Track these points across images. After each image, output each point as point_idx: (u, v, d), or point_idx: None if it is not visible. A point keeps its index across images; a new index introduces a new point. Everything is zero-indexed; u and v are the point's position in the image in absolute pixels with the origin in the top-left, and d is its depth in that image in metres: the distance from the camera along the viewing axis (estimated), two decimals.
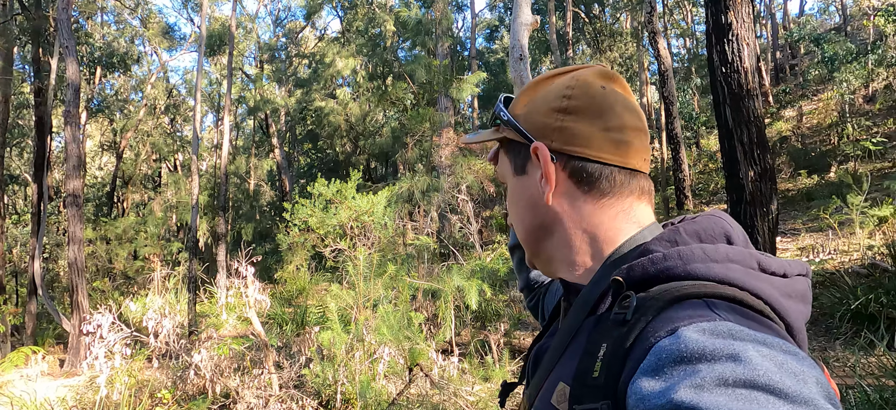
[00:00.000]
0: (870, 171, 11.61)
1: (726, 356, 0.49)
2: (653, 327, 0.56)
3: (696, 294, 0.59)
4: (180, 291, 13.13)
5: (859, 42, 17.06)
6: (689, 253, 0.63)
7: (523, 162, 0.78)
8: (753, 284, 0.62)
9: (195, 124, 11.16)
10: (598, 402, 0.57)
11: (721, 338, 0.51)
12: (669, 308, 0.58)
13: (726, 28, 7.68)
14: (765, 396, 0.46)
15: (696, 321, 0.54)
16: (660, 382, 0.51)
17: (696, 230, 0.69)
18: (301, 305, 10.37)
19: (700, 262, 0.63)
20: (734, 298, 0.59)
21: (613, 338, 0.59)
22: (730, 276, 0.61)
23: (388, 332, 3.85)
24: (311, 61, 20.28)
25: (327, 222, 5.24)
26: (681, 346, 0.51)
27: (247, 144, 25.25)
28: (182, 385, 7.06)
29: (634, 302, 0.60)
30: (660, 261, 0.64)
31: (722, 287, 0.60)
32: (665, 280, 0.63)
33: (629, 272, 0.65)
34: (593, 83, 0.75)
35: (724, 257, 0.63)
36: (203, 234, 18.04)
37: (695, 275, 0.62)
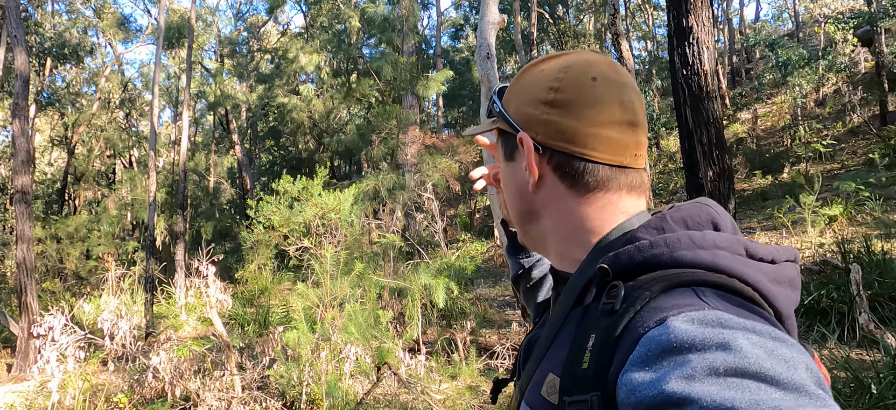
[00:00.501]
0: (821, 172, 12.09)
1: (716, 345, 0.49)
2: (641, 317, 0.56)
3: (685, 282, 0.58)
4: (136, 291, 12.70)
5: (810, 48, 17.76)
6: (676, 240, 0.63)
7: (512, 149, 0.77)
8: (741, 270, 0.61)
9: (153, 119, 10.81)
10: (587, 394, 0.56)
11: (710, 327, 0.51)
12: (658, 298, 0.57)
13: (687, 31, 7.88)
14: (755, 383, 0.46)
15: (685, 310, 0.54)
16: (650, 373, 0.50)
17: (682, 217, 0.68)
18: (263, 305, 10.17)
19: (687, 249, 0.62)
20: (722, 285, 0.59)
21: (602, 329, 0.58)
22: (717, 263, 0.61)
23: (356, 331, 3.80)
24: (274, 57, 19.91)
25: (292, 219, 5.14)
26: (670, 336, 0.51)
27: (206, 140, 24.63)
28: (139, 389, 6.83)
29: (622, 291, 0.59)
30: (646, 249, 0.63)
31: (710, 275, 0.59)
32: (652, 268, 0.62)
33: (615, 260, 0.64)
34: (584, 74, 0.72)
35: (712, 243, 0.63)
36: (161, 232, 17.51)
37: (682, 262, 0.61)
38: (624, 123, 0.71)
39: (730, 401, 0.44)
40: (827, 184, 11.04)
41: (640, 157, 0.74)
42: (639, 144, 0.74)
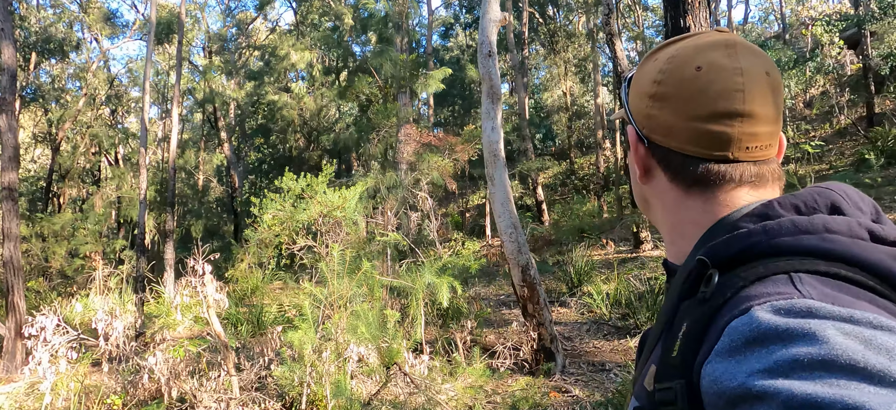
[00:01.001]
0: (811, 172, 12.23)
1: (801, 335, 0.47)
2: (729, 306, 0.55)
3: (782, 270, 0.56)
4: (124, 291, 12.49)
5: (797, 50, 17.97)
6: (776, 227, 0.60)
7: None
8: (859, 254, 0.57)
9: (143, 116, 10.65)
10: (674, 381, 0.56)
11: (796, 317, 0.49)
12: (750, 286, 0.55)
13: (684, 32, 7.93)
14: (845, 378, 0.43)
15: (772, 299, 0.52)
16: (732, 364, 0.49)
17: (794, 203, 0.64)
18: (255, 305, 10.06)
19: (788, 235, 0.59)
20: (828, 272, 0.55)
21: (693, 317, 0.58)
22: (825, 247, 0.57)
23: (365, 330, 3.75)
24: (264, 53, 19.73)
25: (296, 217, 5.07)
26: (753, 326, 0.50)
27: (195, 137, 24.34)
28: (133, 390, 6.70)
29: (715, 280, 0.58)
30: (743, 238, 0.61)
31: (813, 261, 0.56)
32: (750, 258, 0.59)
33: (713, 252, 0.62)
34: (688, 64, 0.69)
35: (820, 227, 0.59)
36: (149, 231, 17.26)
37: (781, 249, 0.58)
38: (728, 115, 0.67)
39: (813, 396, 0.42)
40: None
41: (756, 148, 0.69)
42: (753, 136, 0.68)
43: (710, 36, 0.72)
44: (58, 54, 16.95)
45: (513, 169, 17.07)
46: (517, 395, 4.83)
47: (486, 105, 6.53)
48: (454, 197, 20.07)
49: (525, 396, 4.72)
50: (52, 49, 16.48)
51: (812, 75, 15.64)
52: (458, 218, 17.76)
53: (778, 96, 0.70)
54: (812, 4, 23.29)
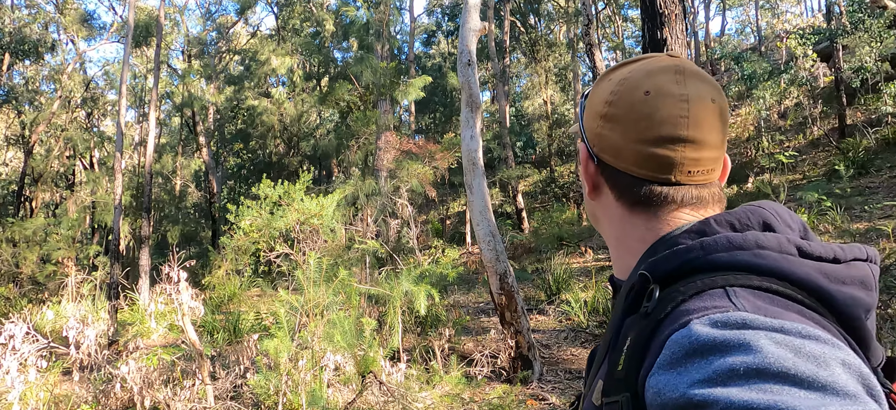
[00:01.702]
0: (784, 182, 12.47)
1: (736, 346, 0.49)
2: (669, 320, 0.57)
3: (718, 285, 0.59)
4: (97, 298, 12.25)
5: (772, 62, 18.35)
6: (712, 243, 0.63)
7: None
8: (788, 268, 0.60)
9: (119, 119, 10.49)
10: (620, 395, 0.57)
11: (732, 329, 0.51)
12: (688, 300, 0.58)
13: (662, 44, 8.04)
14: (778, 384, 0.46)
15: (709, 312, 0.54)
16: (673, 376, 0.51)
17: (729, 220, 0.67)
18: (232, 312, 9.93)
19: (724, 251, 0.62)
20: (761, 286, 0.58)
21: (635, 331, 0.60)
22: (758, 263, 0.60)
23: (341, 338, 3.72)
24: (244, 58, 19.56)
25: (273, 224, 5.03)
26: (692, 338, 0.52)
27: (172, 142, 24.02)
28: (105, 400, 6.57)
29: (656, 295, 0.60)
30: (682, 253, 0.63)
31: (747, 276, 0.59)
32: (688, 273, 0.62)
33: (654, 267, 0.64)
34: (637, 88, 0.71)
35: (753, 244, 0.62)
36: (124, 237, 16.96)
37: (717, 264, 0.61)
38: (671, 140, 0.69)
39: (748, 402, 0.45)
40: (791, 194, 11.40)
41: (698, 173, 0.72)
42: (696, 161, 0.71)
43: (660, 60, 0.74)
44: (32, 56, 16.64)
45: (493, 177, 17.13)
46: (494, 403, 4.83)
47: (465, 113, 6.56)
48: (435, 205, 20.08)
49: (502, 404, 4.73)
50: (26, 50, 16.16)
51: (786, 87, 15.97)
52: (439, 226, 17.76)
53: (723, 123, 0.73)
54: (787, 18, 23.83)
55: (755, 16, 27.47)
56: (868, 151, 13.33)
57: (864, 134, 14.00)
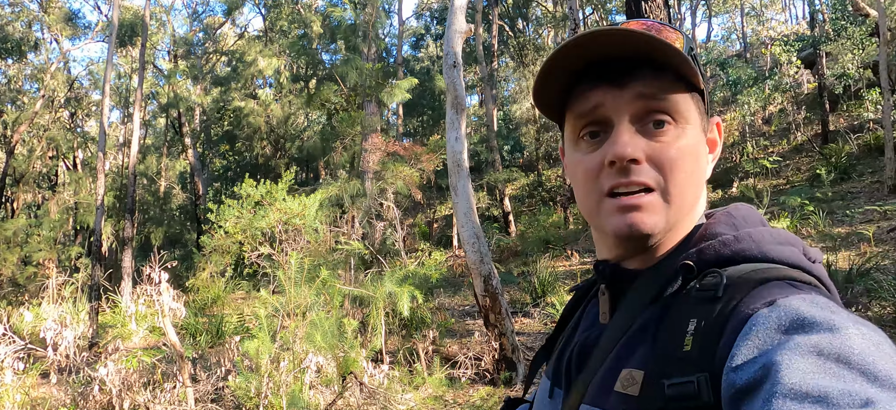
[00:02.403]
0: (768, 187, 12.59)
1: (825, 326, 0.49)
2: (747, 301, 0.56)
3: (778, 277, 0.59)
4: (79, 300, 12.08)
5: (757, 69, 18.55)
6: (761, 236, 0.64)
7: (705, 125, 0.72)
8: (813, 268, 0.63)
9: (102, 119, 10.36)
10: (692, 375, 0.55)
11: (821, 309, 0.52)
12: (761, 287, 0.57)
13: None
14: (854, 373, 0.45)
15: (793, 294, 0.54)
16: (758, 348, 0.51)
17: (743, 216, 0.69)
18: (216, 314, 9.83)
19: (772, 244, 0.63)
20: (809, 282, 0.60)
21: (704, 314, 0.57)
22: (795, 259, 0.62)
23: (321, 339, 3.69)
24: (231, 59, 19.43)
25: (255, 224, 4.98)
26: (781, 314, 0.52)
27: (157, 143, 23.79)
28: (83, 402, 6.47)
29: (724, 280, 0.58)
30: (732, 243, 0.63)
31: (794, 271, 0.61)
32: (740, 262, 0.62)
33: (700, 256, 0.64)
34: None
35: (786, 240, 0.64)
36: (107, 238, 16.75)
37: (769, 257, 0.62)
38: None
39: (822, 388, 0.44)
40: (774, 198, 11.51)
41: None
42: None
43: None
44: (15, 54, 16.42)
45: (480, 180, 17.14)
46: (477, 405, 4.82)
47: (450, 115, 6.55)
48: (422, 207, 20.05)
49: (485, 405, 4.71)
50: (8, 48, 15.95)
51: (770, 93, 16.15)
52: (426, 228, 17.72)
53: None
54: (772, 25, 24.10)
55: (741, 23, 27.77)
56: (850, 157, 13.50)
57: (846, 140, 14.18)
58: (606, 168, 0.65)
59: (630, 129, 0.65)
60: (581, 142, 0.69)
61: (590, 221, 0.71)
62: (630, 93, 0.65)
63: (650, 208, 0.64)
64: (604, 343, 0.66)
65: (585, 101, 0.67)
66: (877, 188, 11.50)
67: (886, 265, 7.49)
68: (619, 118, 0.65)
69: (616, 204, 0.65)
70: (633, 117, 0.65)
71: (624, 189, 0.64)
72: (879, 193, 11.22)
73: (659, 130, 0.65)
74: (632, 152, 0.63)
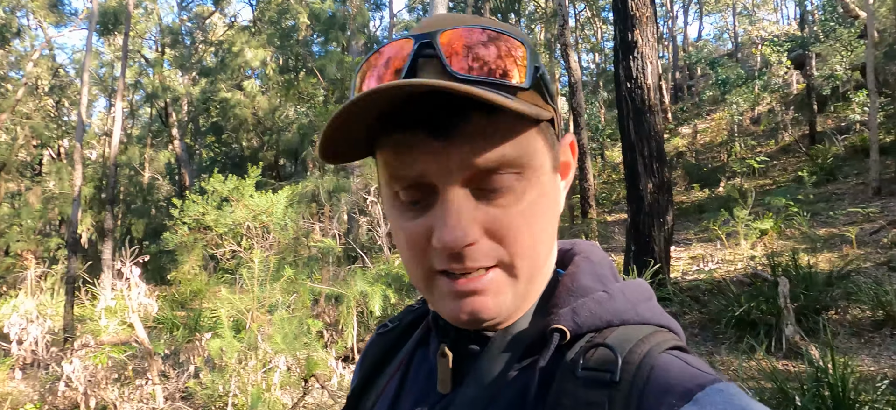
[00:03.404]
0: (754, 187, 12.58)
1: None
2: (655, 393, 0.46)
3: (667, 347, 0.50)
4: (57, 292, 11.92)
5: (747, 68, 18.54)
6: (633, 293, 0.55)
7: (558, 154, 0.57)
8: (670, 322, 0.55)
9: (81, 108, 10.18)
10: None
11: (745, 406, 0.44)
12: (656, 368, 0.47)
13: (632, 46, 8.02)
14: None
15: (705, 383, 0.45)
16: None
17: (599, 261, 0.60)
18: (195, 309, 9.71)
19: (643, 303, 0.54)
20: (679, 346, 0.52)
21: (604, 405, 0.46)
22: (663, 318, 0.55)
23: (281, 341, 3.59)
24: (219, 50, 19.22)
25: (221, 221, 4.86)
26: None
27: (143, 133, 23.54)
28: (51, 399, 6.36)
29: (620, 357, 0.47)
30: (606, 301, 0.53)
31: (668, 334, 0.53)
32: (618, 325, 0.52)
33: (574, 318, 0.52)
34: None
35: (649, 295, 0.56)
36: (88, 229, 16.55)
37: (644, 319, 0.53)
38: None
39: None
40: (759, 199, 11.48)
41: None
42: None
43: None
44: None
45: None
46: None
47: None
48: None
49: None
50: None
51: (760, 93, 16.14)
52: None
53: None
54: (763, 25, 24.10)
55: (733, 22, 27.78)
56: (836, 158, 13.52)
57: (833, 141, 14.19)
58: (435, 247, 0.50)
59: (462, 196, 0.49)
60: (398, 201, 0.53)
61: (421, 292, 0.56)
62: (459, 151, 0.48)
63: (493, 290, 0.51)
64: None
65: (400, 158, 0.50)
66: (861, 190, 11.50)
67: (867, 268, 7.47)
68: (446, 185, 0.49)
69: (451, 288, 0.51)
70: (465, 181, 0.49)
71: (459, 271, 0.50)
72: (864, 195, 11.22)
73: (498, 190, 0.50)
74: (465, 238, 0.48)
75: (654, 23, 8.31)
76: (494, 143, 0.48)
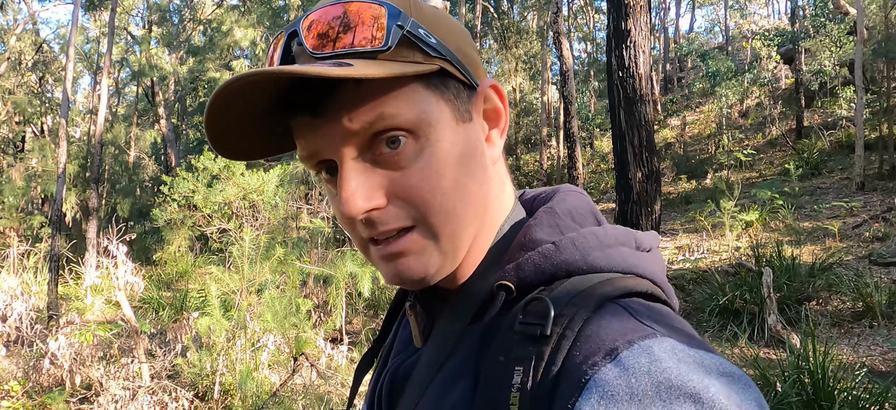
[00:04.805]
0: (740, 179, 12.71)
1: (686, 392, 0.39)
2: (582, 347, 0.44)
3: (611, 296, 0.48)
4: (41, 270, 11.77)
5: (737, 62, 18.66)
6: (584, 241, 0.52)
7: (467, 105, 0.55)
8: (644, 267, 0.53)
9: (66, 83, 10.01)
10: None
11: (674, 360, 0.40)
12: (594, 318, 0.46)
13: (625, 34, 8.02)
14: None
15: (635, 339, 0.43)
16: None
17: (568, 210, 0.57)
18: (181, 289, 9.66)
19: (597, 250, 0.52)
20: (643, 292, 0.50)
21: (530, 361, 0.45)
22: (626, 263, 0.52)
23: (272, 319, 3.59)
24: (207, 28, 18.96)
25: (211, 199, 4.82)
26: (631, 382, 0.40)
27: (129, 112, 23.23)
28: (35, 376, 6.31)
29: (552, 310, 0.46)
30: (553, 254, 0.51)
31: (629, 281, 0.50)
32: (565, 276, 0.51)
33: (519, 273, 0.52)
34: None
35: (614, 240, 0.53)
36: (72, 208, 16.35)
37: (595, 267, 0.51)
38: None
39: None
40: (745, 191, 11.61)
41: None
42: None
43: None
44: None
45: None
46: None
47: None
48: None
49: None
50: None
51: (749, 86, 16.25)
52: None
53: None
54: (754, 19, 24.22)
55: (724, 15, 27.88)
56: (822, 153, 13.68)
57: (819, 136, 14.35)
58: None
59: (357, 167, 0.50)
60: (323, 180, 0.55)
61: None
62: (337, 124, 0.49)
63: (416, 251, 0.52)
64: (416, 379, 0.55)
65: (299, 142, 0.53)
66: (845, 185, 11.67)
67: (849, 261, 7.60)
68: (340, 159, 0.50)
69: (378, 253, 0.53)
70: (357, 150, 0.50)
71: (376, 236, 0.52)
72: (848, 189, 11.38)
73: (392, 151, 0.50)
74: (362, 206, 0.49)
75: (647, 12, 8.32)
76: (368, 108, 0.49)
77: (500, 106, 0.57)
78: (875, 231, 8.55)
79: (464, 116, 0.54)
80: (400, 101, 0.49)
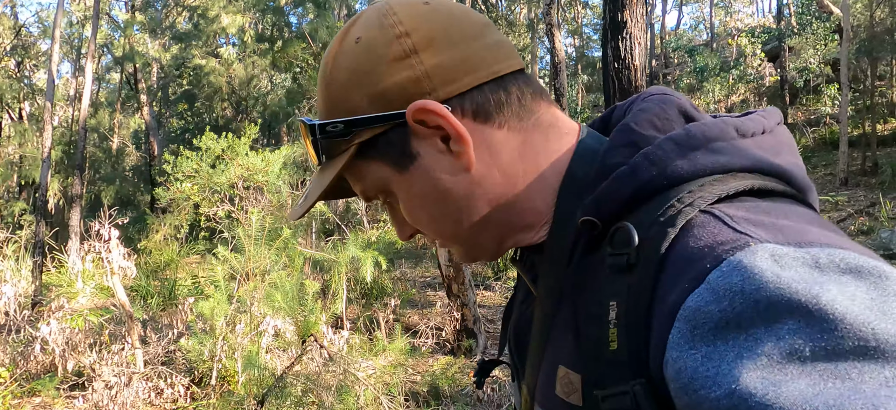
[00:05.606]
0: None
1: (793, 308, 0.34)
2: (669, 271, 0.41)
3: (699, 206, 0.44)
4: (22, 258, 11.50)
5: (723, 59, 18.89)
6: (660, 153, 0.48)
7: (404, 147, 0.55)
8: (746, 158, 0.48)
9: (52, 65, 9.78)
10: (626, 383, 0.42)
11: (774, 281, 0.35)
12: (682, 239, 0.42)
13: (622, 26, 8.06)
14: (863, 363, 0.32)
15: (724, 253, 0.38)
16: (705, 359, 0.36)
17: (649, 119, 0.53)
18: (168, 278, 9.52)
19: (679, 157, 0.47)
20: (741, 190, 0.45)
21: (624, 294, 0.43)
22: (718, 163, 0.47)
23: (282, 301, 3.54)
24: (193, 14, 18.63)
25: (215, 178, 4.74)
26: (724, 306, 0.36)
27: (111, 99, 22.77)
28: (24, 362, 6.17)
29: (635, 238, 0.44)
30: (627, 178, 0.48)
31: (725, 182, 0.45)
32: (647, 199, 0.47)
33: (598, 207, 0.49)
34: (414, 3, 0.56)
35: (702, 139, 0.48)
36: (54, 195, 16.00)
37: (680, 177, 0.47)
38: (484, 24, 0.58)
39: (831, 402, 0.31)
40: None
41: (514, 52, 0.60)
42: (504, 40, 0.59)
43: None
44: None
45: None
46: (437, 374, 4.76)
47: None
48: None
49: (445, 374, 4.66)
50: None
51: (734, 83, 16.47)
52: None
53: None
54: (739, 17, 24.54)
55: (710, 13, 28.20)
56: (806, 150, 13.92)
57: (803, 133, 14.60)
58: None
59: (388, 208, 0.64)
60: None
61: None
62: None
63: (453, 250, 0.65)
64: (536, 326, 0.56)
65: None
66: (830, 180, 11.90)
67: None
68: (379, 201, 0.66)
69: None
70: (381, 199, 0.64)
71: None
72: (832, 185, 11.60)
73: (390, 203, 0.63)
74: (400, 235, 0.65)
75: (643, 4, 8.38)
76: (355, 187, 0.62)
77: (439, 121, 0.53)
78: (860, 225, 8.73)
79: (404, 163, 0.56)
80: (360, 181, 0.59)
